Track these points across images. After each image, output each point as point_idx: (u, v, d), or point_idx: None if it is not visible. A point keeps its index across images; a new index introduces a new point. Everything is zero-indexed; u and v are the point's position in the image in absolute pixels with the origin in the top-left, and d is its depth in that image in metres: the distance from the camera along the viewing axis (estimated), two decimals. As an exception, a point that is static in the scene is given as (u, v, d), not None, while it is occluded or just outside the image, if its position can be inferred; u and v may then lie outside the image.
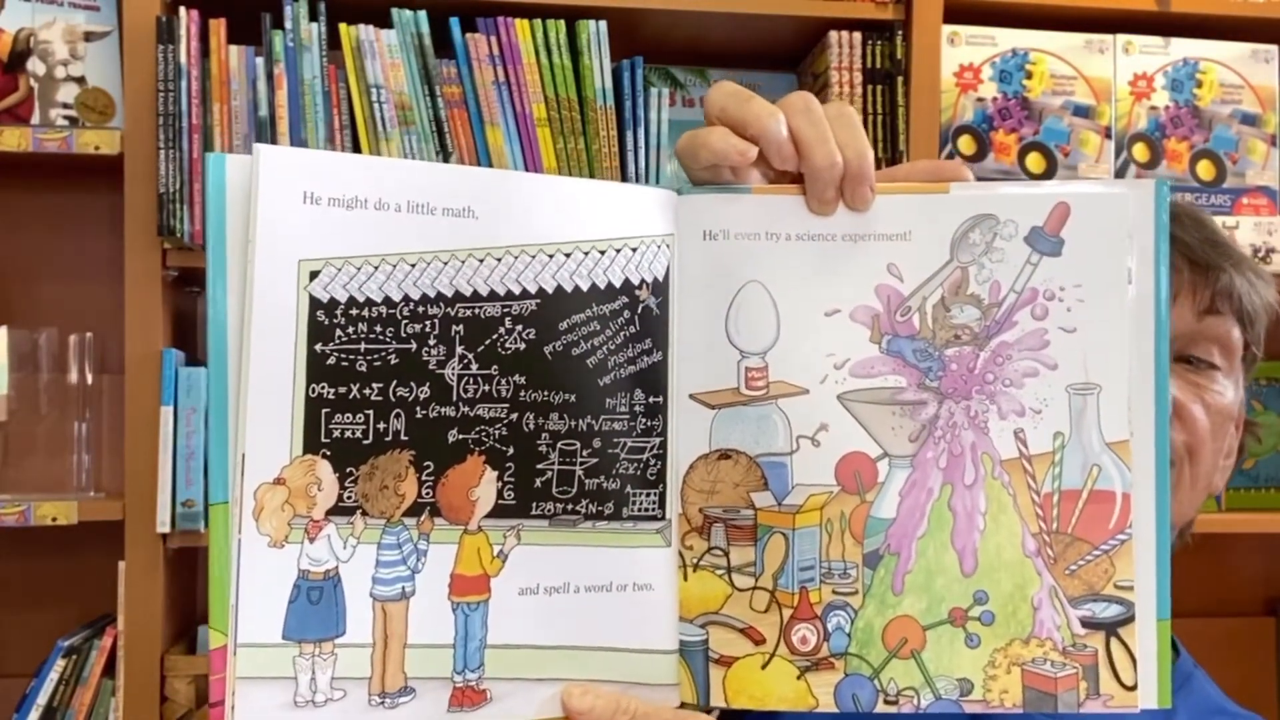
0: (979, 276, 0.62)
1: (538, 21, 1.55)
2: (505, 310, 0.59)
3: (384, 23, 1.52)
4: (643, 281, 0.62)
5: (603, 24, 1.56)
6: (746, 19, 1.64)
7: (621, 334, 0.62)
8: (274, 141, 1.49)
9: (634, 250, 0.62)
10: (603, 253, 0.61)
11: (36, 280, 1.76)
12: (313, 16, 1.50)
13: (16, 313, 1.67)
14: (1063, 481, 0.62)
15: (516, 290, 0.59)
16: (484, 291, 0.59)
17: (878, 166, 0.62)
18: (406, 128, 1.51)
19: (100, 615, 1.63)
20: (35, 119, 1.57)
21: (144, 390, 1.50)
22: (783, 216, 0.62)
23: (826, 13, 1.63)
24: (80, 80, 1.58)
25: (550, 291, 0.60)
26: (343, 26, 1.50)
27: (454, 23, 1.53)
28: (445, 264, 0.58)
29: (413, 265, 0.57)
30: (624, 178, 1.57)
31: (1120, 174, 1.69)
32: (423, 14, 1.52)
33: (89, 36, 1.59)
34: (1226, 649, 1.87)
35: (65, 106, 1.57)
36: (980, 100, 1.67)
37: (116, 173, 1.51)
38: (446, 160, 1.53)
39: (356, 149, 1.51)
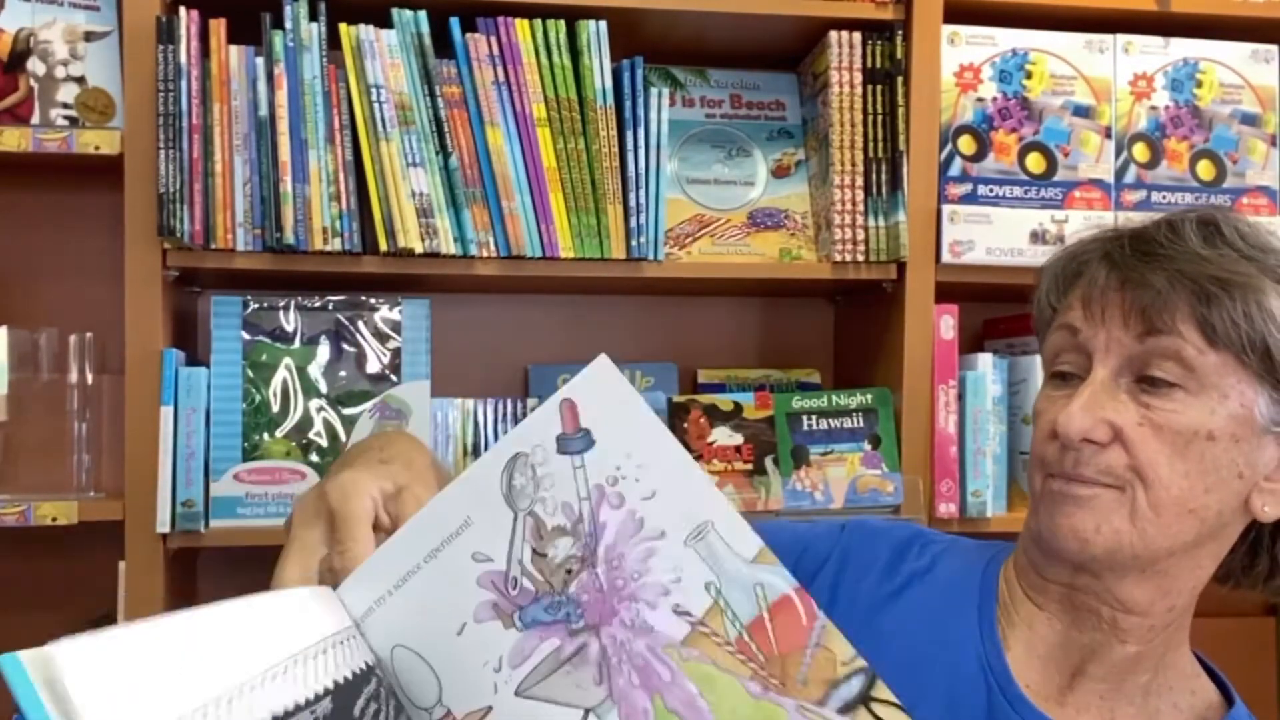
0: (548, 509, 0.64)
1: (538, 21, 1.55)
2: None
3: (384, 23, 1.52)
4: (345, 679, 0.62)
5: (603, 24, 1.56)
6: (746, 19, 1.64)
7: None
8: (274, 142, 1.49)
9: (330, 650, 0.62)
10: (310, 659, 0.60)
11: (36, 280, 1.76)
12: (313, 16, 1.50)
13: (16, 313, 1.67)
14: (741, 618, 0.62)
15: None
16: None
17: (878, 165, 0.64)
18: (406, 128, 1.51)
19: (100, 615, 1.63)
20: (35, 119, 1.57)
21: (144, 390, 1.50)
22: (380, 573, 0.65)
23: (826, 13, 1.63)
24: (80, 80, 1.58)
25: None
26: (343, 26, 1.50)
27: (454, 23, 1.53)
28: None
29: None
30: (624, 178, 1.57)
31: (1120, 174, 1.69)
32: (423, 14, 1.52)
33: (89, 36, 1.59)
34: (1226, 649, 1.87)
35: (65, 106, 1.57)
36: (980, 100, 1.67)
37: (116, 173, 1.51)
38: (447, 160, 1.53)
39: (356, 149, 1.51)
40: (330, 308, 1.63)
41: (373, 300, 1.64)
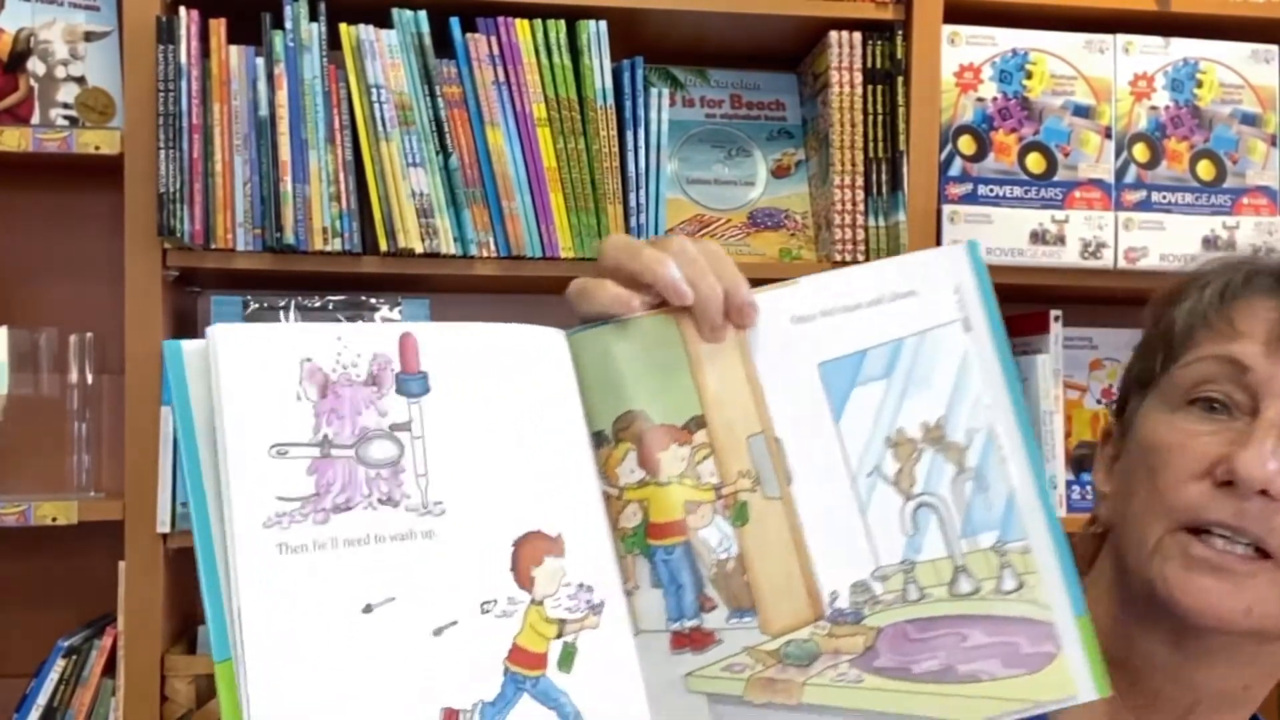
0: None
1: (538, 21, 1.55)
2: None
3: (384, 23, 1.52)
4: None
5: (603, 24, 1.56)
6: (746, 19, 1.64)
7: None
8: (274, 142, 1.49)
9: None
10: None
11: (36, 280, 1.75)
12: (313, 16, 1.50)
13: (16, 313, 1.67)
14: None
15: None
16: None
17: (878, 165, 0.62)
18: (406, 128, 1.51)
19: (100, 615, 1.63)
20: (35, 119, 1.57)
21: (144, 390, 1.50)
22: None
23: (826, 13, 1.63)
24: (80, 80, 1.58)
25: None
26: (343, 26, 1.50)
27: (454, 23, 1.53)
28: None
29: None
30: (624, 178, 1.57)
31: (1120, 174, 1.69)
32: (423, 14, 1.52)
33: (89, 36, 1.59)
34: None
35: (65, 106, 1.57)
36: (980, 100, 1.67)
37: (116, 173, 1.51)
38: (447, 160, 1.53)
39: (356, 149, 1.51)
40: (330, 308, 1.63)
41: (373, 300, 1.64)
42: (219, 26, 1.49)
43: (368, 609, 0.55)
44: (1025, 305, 1.79)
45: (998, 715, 0.59)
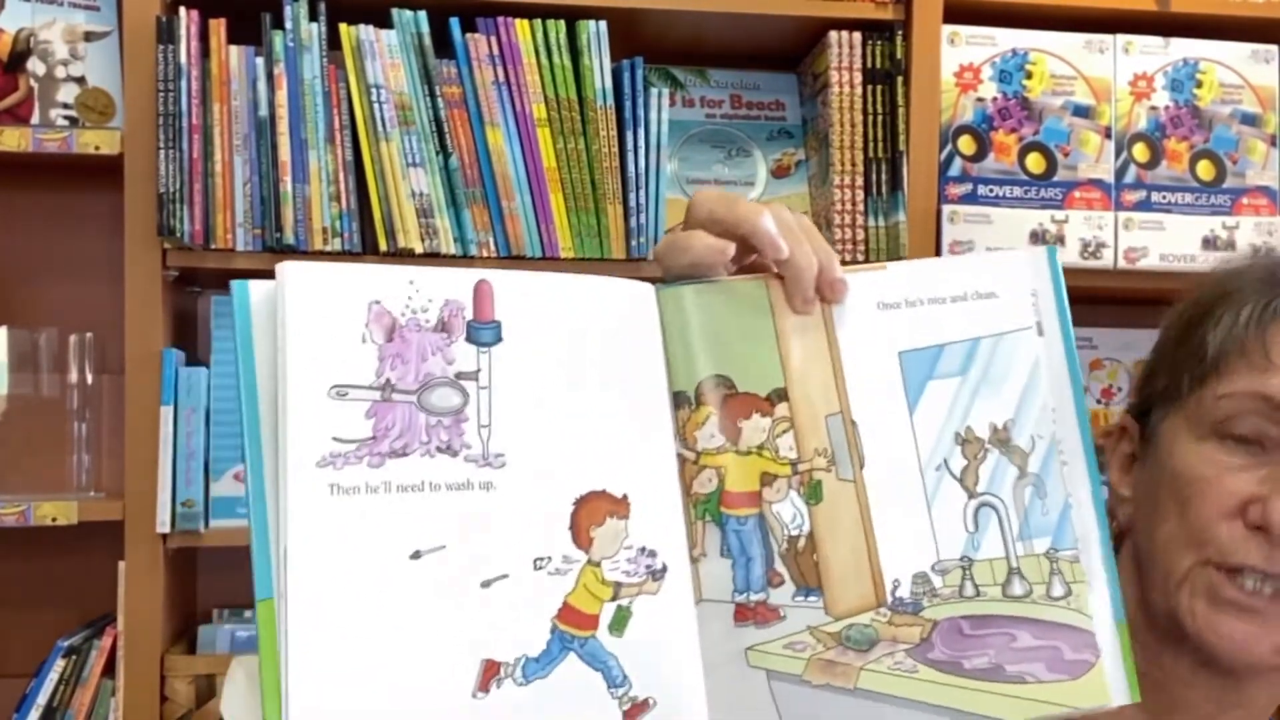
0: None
1: (538, 21, 1.55)
2: None
3: (384, 23, 1.52)
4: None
5: (603, 24, 1.56)
6: (746, 19, 1.64)
7: None
8: (274, 142, 1.49)
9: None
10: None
11: (36, 280, 1.76)
12: (313, 16, 1.50)
13: (16, 313, 1.67)
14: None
15: None
16: None
17: (878, 165, 0.61)
18: (406, 128, 1.51)
19: (100, 615, 1.63)
20: (35, 119, 1.57)
21: (144, 390, 1.50)
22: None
23: (826, 13, 1.63)
24: (80, 80, 1.58)
25: None
26: (343, 26, 1.50)
27: (454, 23, 1.53)
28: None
29: None
30: (624, 178, 1.57)
31: (1120, 174, 1.69)
32: (423, 14, 1.52)
33: (89, 36, 1.59)
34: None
35: (65, 106, 1.57)
36: (980, 100, 1.67)
37: (116, 173, 1.51)
38: (447, 160, 1.53)
39: (356, 149, 1.51)
40: (330, 308, 1.63)
41: (373, 300, 1.64)
42: (219, 26, 1.49)
43: (416, 555, 0.54)
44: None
45: (1037, 717, 0.60)
